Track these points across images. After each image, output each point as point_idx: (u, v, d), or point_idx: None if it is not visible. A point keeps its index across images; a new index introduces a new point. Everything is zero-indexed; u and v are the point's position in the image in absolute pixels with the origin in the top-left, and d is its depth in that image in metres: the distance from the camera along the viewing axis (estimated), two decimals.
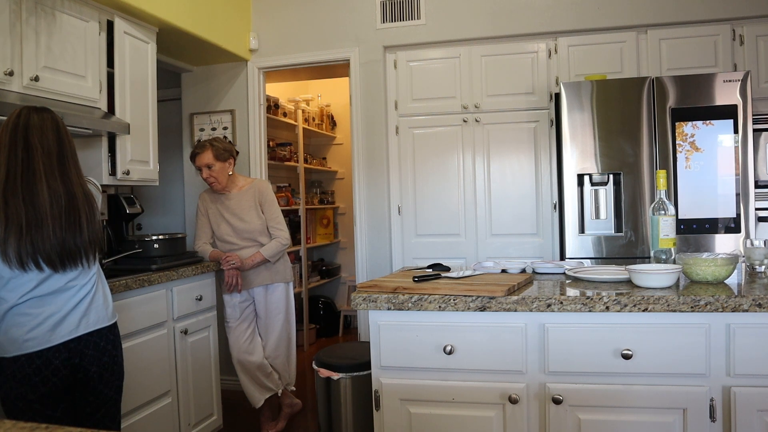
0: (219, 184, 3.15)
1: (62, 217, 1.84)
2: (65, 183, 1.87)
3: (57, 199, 1.84)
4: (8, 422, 0.88)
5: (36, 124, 1.87)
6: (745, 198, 3.06)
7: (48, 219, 1.81)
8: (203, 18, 3.51)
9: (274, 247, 3.16)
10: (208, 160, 3.10)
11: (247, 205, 3.18)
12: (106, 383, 1.98)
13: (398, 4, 3.85)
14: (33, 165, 1.83)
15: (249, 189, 3.22)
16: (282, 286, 3.28)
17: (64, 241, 1.84)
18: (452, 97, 3.77)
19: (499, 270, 2.20)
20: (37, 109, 1.92)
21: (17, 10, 2.40)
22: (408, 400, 1.85)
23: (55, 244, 1.82)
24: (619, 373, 1.72)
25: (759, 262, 1.99)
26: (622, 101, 3.16)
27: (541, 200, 3.67)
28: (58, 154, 1.89)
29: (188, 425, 2.95)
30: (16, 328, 1.82)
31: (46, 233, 1.81)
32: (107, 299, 2.02)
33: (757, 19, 3.40)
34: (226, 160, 3.16)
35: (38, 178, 1.82)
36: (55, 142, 1.89)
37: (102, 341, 1.95)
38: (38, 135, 1.86)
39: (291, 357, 3.39)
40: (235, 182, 3.24)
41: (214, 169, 3.11)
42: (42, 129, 1.87)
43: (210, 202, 3.26)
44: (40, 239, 1.80)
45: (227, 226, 3.19)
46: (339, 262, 6.14)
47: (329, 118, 6.02)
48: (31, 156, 1.83)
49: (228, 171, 3.17)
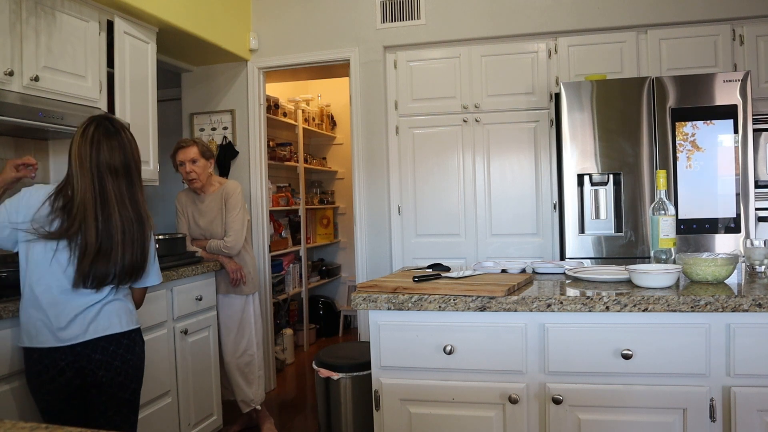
0: (199, 181, 3.16)
1: (134, 244, 1.94)
2: (135, 209, 1.96)
3: (129, 226, 1.93)
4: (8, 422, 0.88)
5: (105, 150, 1.91)
6: (745, 198, 3.06)
7: (119, 246, 1.90)
8: (203, 18, 3.51)
9: (214, 245, 3.14)
10: (194, 155, 3.12)
11: (214, 207, 3.20)
12: (120, 386, 2.00)
13: (398, 4, 3.85)
14: (107, 195, 1.90)
15: (219, 192, 3.21)
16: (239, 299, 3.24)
17: (132, 264, 1.95)
18: (452, 97, 3.77)
19: (499, 270, 2.20)
20: (107, 132, 1.93)
21: (17, 10, 2.40)
22: (408, 400, 1.85)
23: (119, 269, 1.92)
24: (619, 373, 1.72)
25: (759, 262, 1.98)
26: (622, 101, 3.16)
27: (541, 200, 3.67)
28: (126, 179, 1.95)
29: (188, 425, 2.94)
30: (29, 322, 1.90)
31: (113, 259, 1.90)
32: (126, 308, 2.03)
33: (757, 19, 3.40)
34: (209, 159, 3.20)
35: (112, 208, 1.90)
36: (122, 168, 1.94)
37: (112, 346, 1.96)
38: (107, 163, 1.91)
39: (242, 377, 3.25)
40: (211, 184, 3.25)
41: (198, 165, 3.13)
42: (111, 154, 1.92)
43: (186, 203, 3.29)
44: (105, 266, 1.89)
45: (198, 229, 3.24)
46: (339, 262, 6.14)
47: (329, 118, 6.02)
48: (104, 186, 1.90)
49: (209, 170, 3.20)
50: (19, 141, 2.89)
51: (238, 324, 3.24)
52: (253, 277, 3.28)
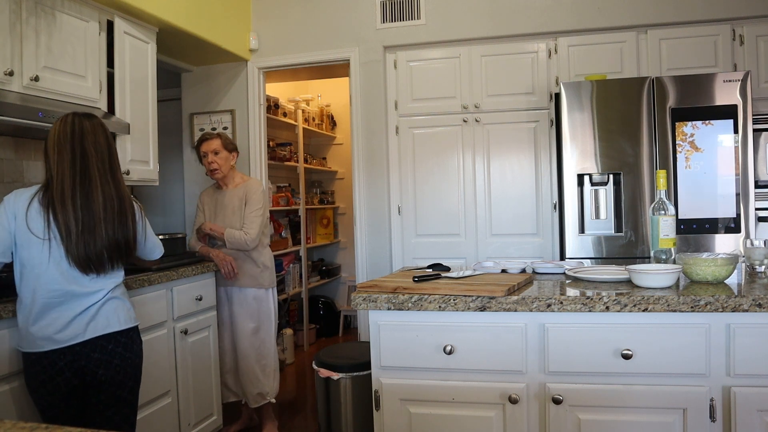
0: (221, 172, 3.19)
1: (114, 219, 1.96)
2: (117, 187, 1.99)
3: (111, 202, 1.96)
4: (8, 422, 0.88)
5: (89, 130, 1.97)
6: (745, 198, 3.06)
7: (102, 222, 1.93)
8: (203, 18, 3.51)
9: (236, 235, 3.13)
10: (216, 146, 3.18)
11: (235, 202, 3.22)
12: (119, 385, 2.01)
13: (398, 4, 3.85)
14: (89, 172, 1.93)
15: (241, 187, 3.24)
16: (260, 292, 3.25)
17: (116, 240, 1.96)
18: (452, 97, 3.77)
19: (499, 270, 2.20)
20: (86, 116, 2.01)
21: (17, 10, 2.40)
22: (408, 400, 1.85)
23: (106, 244, 1.94)
24: (619, 373, 1.72)
25: (759, 262, 1.98)
26: (622, 101, 3.16)
27: (541, 200, 3.67)
28: (109, 158, 2.00)
29: (188, 425, 2.94)
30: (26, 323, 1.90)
31: (99, 234, 1.92)
32: (124, 306, 2.05)
33: (757, 19, 3.40)
34: (231, 152, 3.25)
35: (94, 184, 1.93)
36: (106, 148, 2.00)
37: (111, 344, 1.98)
38: (92, 141, 1.96)
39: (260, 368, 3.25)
40: (233, 178, 3.28)
41: (220, 156, 3.18)
42: (95, 135, 1.98)
43: (207, 198, 3.33)
44: (93, 241, 1.91)
45: (216, 221, 3.25)
46: (339, 262, 6.14)
47: (329, 118, 6.01)
48: (87, 163, 1.94)
49: (231, 162, 3.24)
50: (19, 141, 2.89)
51: (258, 316, 3.25)
52: (271, 271, 3.31)
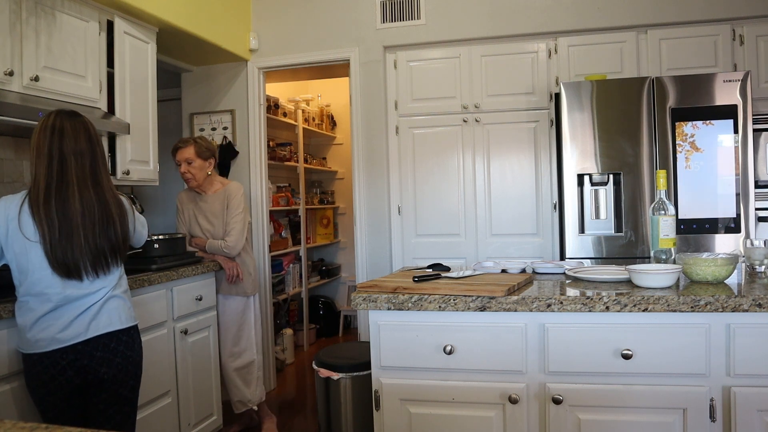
0: (195, 181, 3.16)
1: (95, 225, 1.90)
2: (98, 192, 1.93)
3: (90, 209, 1.90)
4: (8, 422, 0.88)
5: (69, 132, 1.91)
6: (745, 198, 3.06)
7: (79, 229, 1.87)
8: (203, 18, 3.51)
9: (214, 244, 3.14)
10: (189, 155, 3.12)
11: (216, 208, 3.19)
12: (121, 383, 2.02)
13: (398, 4, 3.85)
14: (67, 177, 1.88)
15: (221, 192, 3.21)
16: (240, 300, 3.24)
17: (97, 248, 1.91)
18: (452, 97, 3.77)
19: (499, 270, 2.20)
20: (69, 115, 1.96)
21: (17, 10, 2.40)
22: (408, 400, 1.85)
23: (86, 252, 1.89)
24: (619, 373, 1.72)
25: (759, 262, 1.98)
26: (622, 101, 3.16)
27: (541, 200, 3.67)
28: (91, 162, 1.94)
29: (188, 425, 2.94)
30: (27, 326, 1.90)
31: (77, 242, 1.87)
32: (125, 305, 2.05)
33: (757, 19, 3.40)
34: (207, 159, 3.17)
35: (71, 190, 1.88)
36: (88, 151, 1.94)
37: (113, 343, 1.98)
38: (72, 144, 1.90)
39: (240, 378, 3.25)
40: (212, 184, 3.24)
41: (194, 166, 3.13)
42: (75, 137, 1.92)
43: (186, 201, 3.29)
44: (70, 248, 1.86)
45: (198, 228, 3.24)
46: (339, 262, 6.14)
47: (329, 118, 6.01)
48: (65, 168, 1.88)
49: (207, 170, 3.18)
50: (19, 141, 2.89)
51: (238, 325, 3.24)
52: (254, 278, 3.28)
